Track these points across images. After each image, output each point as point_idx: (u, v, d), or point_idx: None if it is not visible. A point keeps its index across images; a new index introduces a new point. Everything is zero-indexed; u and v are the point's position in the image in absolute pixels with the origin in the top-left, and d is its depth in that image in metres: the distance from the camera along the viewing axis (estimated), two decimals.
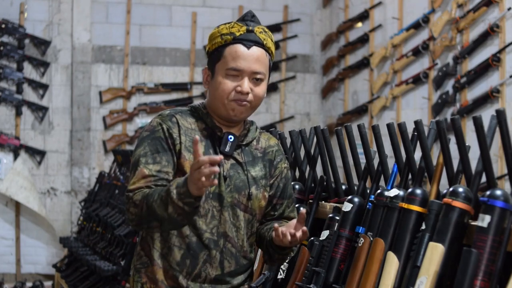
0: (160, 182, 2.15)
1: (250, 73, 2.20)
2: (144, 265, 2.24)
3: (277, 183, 2.34)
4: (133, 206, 2.11)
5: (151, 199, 2.06)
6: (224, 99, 2.20)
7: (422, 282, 1.91)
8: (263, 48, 2.22)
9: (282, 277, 2.67)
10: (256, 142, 2.33)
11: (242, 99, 2.19)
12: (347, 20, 7.70)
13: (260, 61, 2.21)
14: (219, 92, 2.20)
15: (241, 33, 2.21)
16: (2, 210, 7.43)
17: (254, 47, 2.20)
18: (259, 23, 2.26)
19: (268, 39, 2.24)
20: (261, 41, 2.22)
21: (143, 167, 2.16)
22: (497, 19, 5.52)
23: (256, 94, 2.21)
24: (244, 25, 2.23)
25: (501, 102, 5.45)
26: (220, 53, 2.21)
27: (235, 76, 2.20)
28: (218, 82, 2.20)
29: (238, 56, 2.19)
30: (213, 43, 2.24)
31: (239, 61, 2.19)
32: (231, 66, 2.19)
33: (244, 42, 2.20)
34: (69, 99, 7.59)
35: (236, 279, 2.27)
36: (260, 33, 2.22)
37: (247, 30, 2.21)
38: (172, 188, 2.00)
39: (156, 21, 7.85)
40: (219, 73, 2.21)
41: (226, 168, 2.23)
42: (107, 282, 5.09)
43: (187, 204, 1.99)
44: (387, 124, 2.32)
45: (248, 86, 2.19)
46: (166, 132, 2.20)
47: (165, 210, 2.02)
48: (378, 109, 7.06)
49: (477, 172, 2.02)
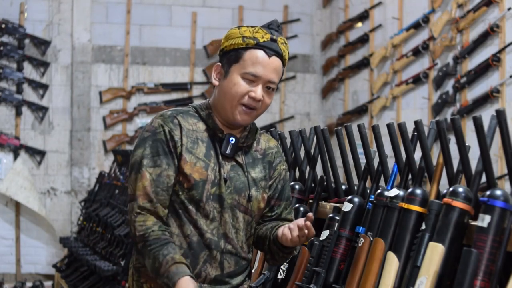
0: (160, 187, 2.16)
1: (266, 81, 2.20)
2: (143, 264, 2.24)
3: (275, 185, 2.34)
4: (133, 231, 2.17)
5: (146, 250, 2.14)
6: (235, 101, 2.19)
7: (422, 282, 1.91)
8: (281, 59, 2.23)
9: (282, 277, 2.67)
10: (256, 143, 2.33)
11: (252, 106, 2.19)
12: (347, 20, 7.70)
13: (277, 71, 2.21)
14: (231, 93, 2.20)
15: (265, 40, 2.20)
16: (2, 210, 7.43)
17: (274, 57, 2.20)
18: (282, 34, 2.27)
19: (287, 51, 2.25)
20: (281, 52, 2.22)
21: (144, 171, 2.17)
22: (497, 19, 5.52)
23: (265, 102, 2.22)
24: (269, 33, 2.22)
25: (501, 102, 5.45)
26: (239, 55, 2.20)
27: (250, 81, 2.19)
28: (233, 83, 2.20)
29: (258, 62, 2.18)
30: (233, 42, 2.22)
31: (258, 67, 2.18)
32: (250, 70, 2.18)
33: (266, 50, 2.20)
34: (69, 99, 7.59)
35: (235, 280, 2.27)
36: (281, 44, 2.23)
37: (271, 38, 2.21)
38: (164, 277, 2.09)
39: (156, 21, 7.85)
40: (235, 73, 2.20)
41: (226, 170, 2.23)
42: (107, 282, 5.09)
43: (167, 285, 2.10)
44: (387, 124, 2.32)
45: (261, 93, 2.19)
46: (168, 135, 2.20)
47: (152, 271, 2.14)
48: (378, 109, 7.07)
49: (477, 172, 2.02)
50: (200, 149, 2.21)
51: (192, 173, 2.18)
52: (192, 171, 2.18)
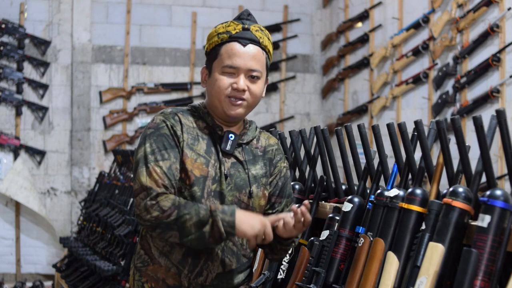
0: (172, 181, 2.13)
1: (246, 71, 2.21)
2: (145, 264, 2.24)
3: (276, 182, 2.35)
4: (158, 211, 2.08)
5: (184, 211, 2.06)
6: (221, 96, 2.21)
7: (422, 282, 1.91)
8: (259, 46, 2.23)
9: (282, 277, 2.67)
10: (256, 141, 2.34)
11: (238, 97, 2.21)
12: (347, 20, 7.70)
13: (256, 58, 2.22)
14: (215, 89, 2.22)
15: (237, 31, 2.23)
16: (2, 210, 7.43)
17: (250, 45, 2.22)
18: (255, 22, 2.28)
19: (265, 37, 2.25)
20: (257, 39, 2.23)
21: (154, 165, 2.13)
22: (497, 19, 5.52)
23: (252, 91, 2.22)
24: (240, 23, 2.24)
25: (501, 102, 5.45)
26: (217, 52, 2.23)
27: (231, 73, 2.21)
28: (215, 79, 2.22)
29: (233, 54, 2.20)
30: (210, 42, 2.26)
31: (234, 59, 2.20)
32: (227, 63, 2.20)
33: (240, 40, 2.22)
34: (69, 99, 7.58)
35: (237, 278, 2.28)
36: (256, 31, 2.24)
37: (243, 28, 2.23)
38: (218, 212, 2.05)
39: (156, 21, 7.85)
40: (215, 71, 2.23)
41: (227, 167, 2.24)
42: (107, 282, 5.08)
43: (228, 233, 2.05)
44: (387, 124, 2.32)
45: (244, 83, 2.20)
46: (171, 129, 2.21)
47: (199, 228, 2.05)
48: (378, 109, 7.06)
49: (477, 172, 2.02)
50: (200, 146, 2.22)
51: (193, 169, 2.18)
52: (192, 167, 2.18)
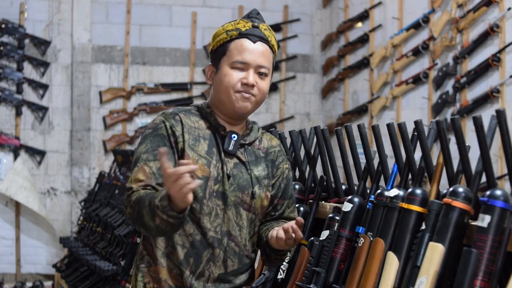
0: (160, 181, 2.15)
1: (256, 66, 2.22)
2: (147, 264, 2.24)
3: (278, 183, 2.35)
4: (129, 207, 2.12)
5: (142, 204, 2.06)
6: (230, 90, 2.21)
7: (422, 282, 1.91)
8: (267, 44, 2.25)
9: (282, 277, 2.67)
10: (259, 142, 2.34)
11: (247, 91, 2.21)
12: (347, 20, 7.70)
13: (265, 56, 2.24)
14: (224, 84, 2.22)
15: (247, 28, 2.24)
16: (2, 210, 7.43)
17: (259, 42, 2.24)
18: (264, 21, 2.30)
19: (272, 37, 2.28)
20: (266, 37, 2.25)
21: (143, 164, 2.16)
22: (497, 19, 5.52)
23: (260, 88, 2.23)
24: (250, 21, 2.26)
25: (501, 102, 5.45)
26: (226, 48, 2.24)
27: (240, 69, 2.22)
28: (224, 74, 2.22)
29: (244, 50, 2.22)
30: (218, 39, 2.27)
31: (245, 54, 2.21)
32: (237, 59, 2.21)
33: (250, 36, 2.23)
34: (69, 99, 7.58)
35: (239, 279, 2.27)
36: (264, 30, 2.26)
37: (253, 25, 2.25)
38: (157, 201, 2.01)
39: (156, 21, 7.85)
40: (224, 66, 2.23)
41: (229, 167, 2.23)
42: (107, 282, 5.08)
43: (171, 217, 2.00)
44: (387, 124, 2.32)
45: (253, 78, 2.21)
46: (169, 130, 2.21)
47: (153, 220, 2.03)
48: (378, 109, 7.06)
49: (477, 172, 2.02)
50: (201, 147, 2.22)
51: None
52: None
